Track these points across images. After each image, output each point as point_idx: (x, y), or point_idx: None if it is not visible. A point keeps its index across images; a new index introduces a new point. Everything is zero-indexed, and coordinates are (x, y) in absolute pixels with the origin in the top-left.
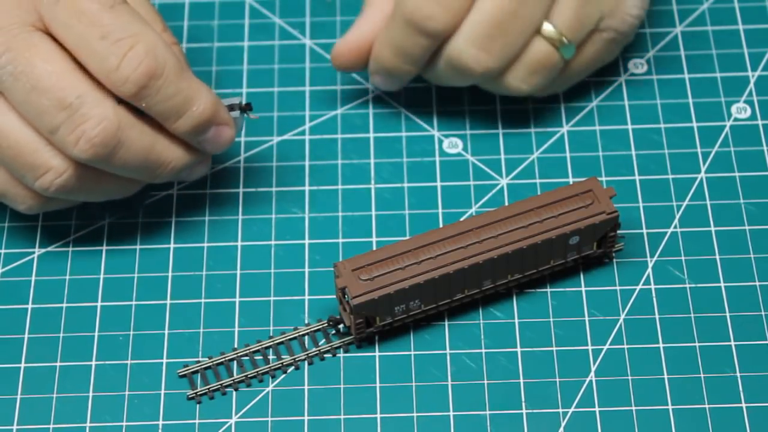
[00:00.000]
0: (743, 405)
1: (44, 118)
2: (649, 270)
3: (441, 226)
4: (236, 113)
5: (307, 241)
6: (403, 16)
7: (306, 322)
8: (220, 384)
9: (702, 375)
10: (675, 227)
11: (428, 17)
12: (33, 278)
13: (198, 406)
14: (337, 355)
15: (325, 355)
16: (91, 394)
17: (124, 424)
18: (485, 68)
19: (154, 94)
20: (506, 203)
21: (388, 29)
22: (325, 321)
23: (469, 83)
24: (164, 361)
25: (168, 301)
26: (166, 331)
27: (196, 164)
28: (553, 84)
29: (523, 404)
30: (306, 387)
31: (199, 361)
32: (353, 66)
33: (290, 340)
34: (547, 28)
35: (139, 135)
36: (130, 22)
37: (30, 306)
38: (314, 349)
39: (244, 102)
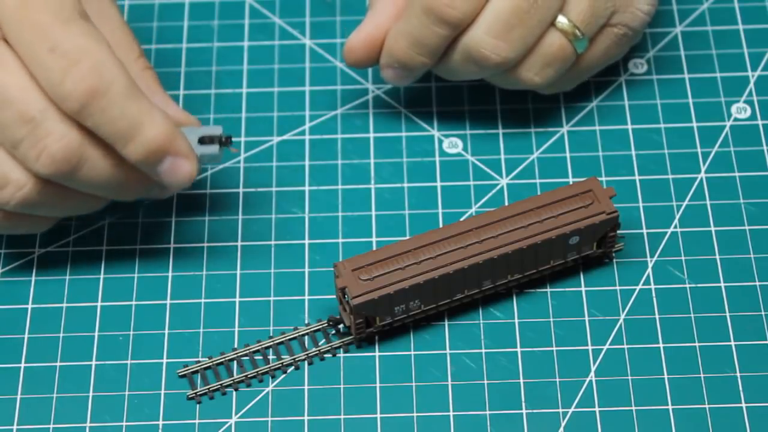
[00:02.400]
0: (743, 405)
1: (6, 132)
2: (649, 270)
3: (441, 226)
4: (215, 146)
5: (307, 241)
6: (421, 5)
7: (306, 322)
8: (220, 384)
9: (702, 375)
10: (675, 227)
11: (448, 5)
12: (33, 278)
13: (198, 406)
14: (337, 355)
15: (325, 355)
16: (91, 394)
17: (124, 424)
18: (503, 58)
19: (98, 113)
20: (506, 203)
21: (405, 20)
22: (325, 321)
23: (481, 76)
24: (164, 361)
25: (168, 301)
26: (166, 331)
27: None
28: (563, 80)
29: (523, 404)
30: (306, 387)
31: (199, 361)
32: (367, 61)
33: (290, 340)
34: (562, 20)
35: (104, 153)
36: (82, 37)
37: (30, 306)
38: (314, 349)
39: (224, 134)
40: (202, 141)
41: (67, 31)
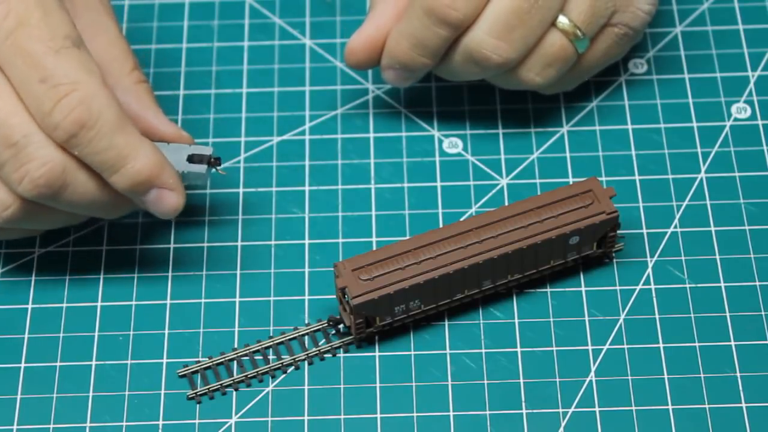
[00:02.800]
0: (743, 405)
1: None
2: (649, 270)
3: (441, 226)
4: (203, 166)
5: (307, 241)
6: (422, 6)
7: (306, 322)
8: (220, 384)
9: (702, 375)
10: (675, 227)
11: (449, 6)
12: (33, 278)
13: (198, 406)
14: (337, 355)
15: (325, 355)
16: (91, 394)
17: (124, 424)
18: (504, 59)
19: (86, 144)
20: (506, 203)
21: (406, 21)
22: (325, 321)
23: (482, 76)
24: (164, 361)
25: (168, 301)
26: (166, 331)
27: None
28: (564, 80)
29: (523, 404)
30: (306, 387)
31: (199, 361)
32: (368, 62)
33: (290, 340)
34: (563, 20)
35: (87, 177)
36: (73, 68)
37: (30, 306)
38: (314, 349)
39: (213, 154)
40: (191, 160)
41: (59, 61)
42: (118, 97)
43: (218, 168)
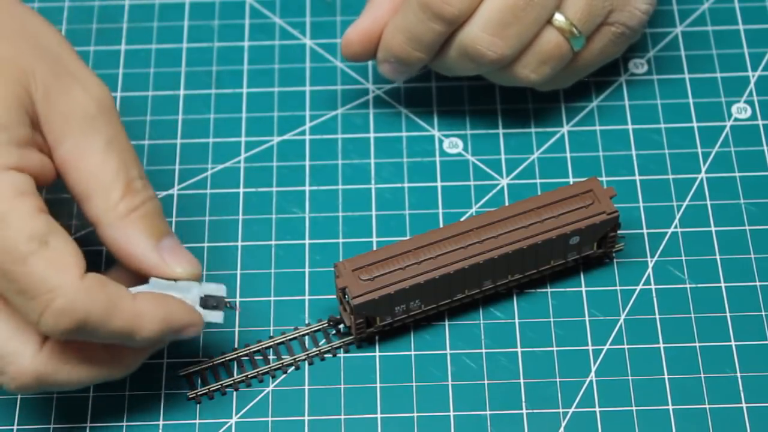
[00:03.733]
0: (743, 405)
1: None
2: (649, 270)
3: (441, 226)
4: (220, 314)
5: (307, 241)
6: (418, 1)
7: (306, 322)
8: (220, 384)
9: (702, 375)
10: (675, 227)
11: (444, 2)
12: None
13: (198, 406)
14: (337, 355)
15: (325, 355)
16: (91, 394)
17: (124, 424)
18: (499, 55)
19: (87, 337)
20: (506, 203)
21: (402, 15)
22: (325, 321)
23: (477, 72)
24: (164, 361)
25: None
26: None
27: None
28: (559, 78)
29: (523, 404)
30: (306, 387)
31: (199, 362)
32: (364, 55)
33: (290, 340)
34: (559, 18)
35: (73, 368)
36: (48, 271)
37: None
38: (314, 349)
39: (226, 294)
40: (205, 304)
41: (30, 267)
42: (106, 234)
43: (231, 305)
